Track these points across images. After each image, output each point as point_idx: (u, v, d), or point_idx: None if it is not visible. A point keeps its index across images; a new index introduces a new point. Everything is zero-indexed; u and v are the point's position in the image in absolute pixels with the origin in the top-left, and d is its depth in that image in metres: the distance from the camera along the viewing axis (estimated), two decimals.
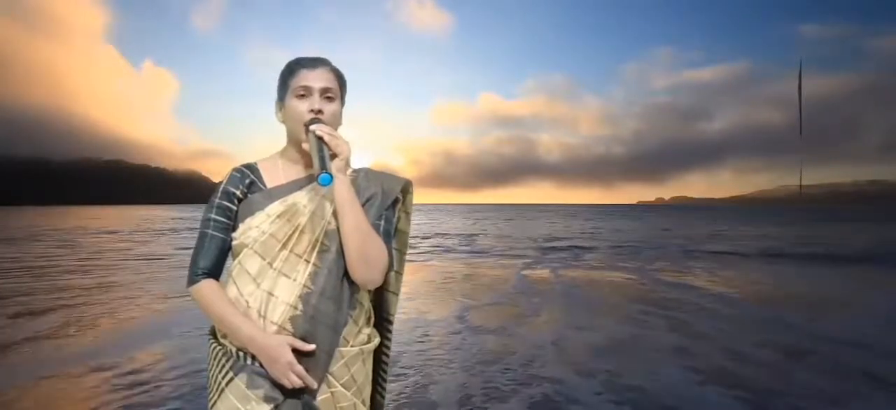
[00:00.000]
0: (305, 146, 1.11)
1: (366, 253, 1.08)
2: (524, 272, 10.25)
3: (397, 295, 1.28)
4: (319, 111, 1.11)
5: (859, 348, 4.56)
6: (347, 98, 1.22)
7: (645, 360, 4.24)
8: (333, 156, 1.07)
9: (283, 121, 1.17)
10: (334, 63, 1.18)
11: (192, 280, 1.09)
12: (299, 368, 1.03)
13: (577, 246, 16.74)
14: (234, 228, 1.13)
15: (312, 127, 1.09)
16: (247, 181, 1.14)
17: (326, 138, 1.07)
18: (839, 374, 3.89)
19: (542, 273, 10.16)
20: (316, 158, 1.04)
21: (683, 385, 3.66)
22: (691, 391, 3.55)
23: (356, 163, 1.19)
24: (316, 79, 1.13)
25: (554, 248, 16.14)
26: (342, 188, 1.08)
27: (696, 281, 9.03)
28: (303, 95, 1.12)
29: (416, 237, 19.87)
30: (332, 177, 1.03)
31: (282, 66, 1.18)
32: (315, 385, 1.06)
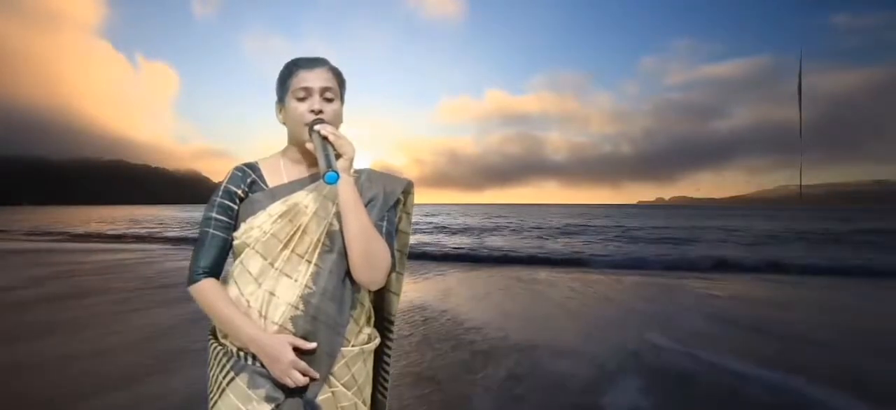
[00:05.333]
0: (309, 146, 1.11)
1: (370, 255, 1.09)
2: None
3: (398, 295, 1.28)
4: (320, 111, 1.12)
5: None
6: (349, 93, 1.23)
7: None
8: (338, 155, 1.08)
9: (284, 122, 1.18)
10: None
11: (193, 279, 1.09)
12: (302, 365, 1.04)
13: None
14: (235, 228, 1.13)
15: (317, 127, 1.09)
16: (248, 180, 1.15)
17: (331, 138, 1.08)
18: None
19: None
20: (321, 157, 1.05)
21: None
22: None
23: (357, 164, 1.20)
24: (315, 79, 1.13)
25: None
26: (347, 189, 1.08)
27: None
28: (303, 98, 1.13)
29: None
30: (338, 174, 1.03)
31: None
32: (318, 377, 1.06)
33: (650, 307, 6.48)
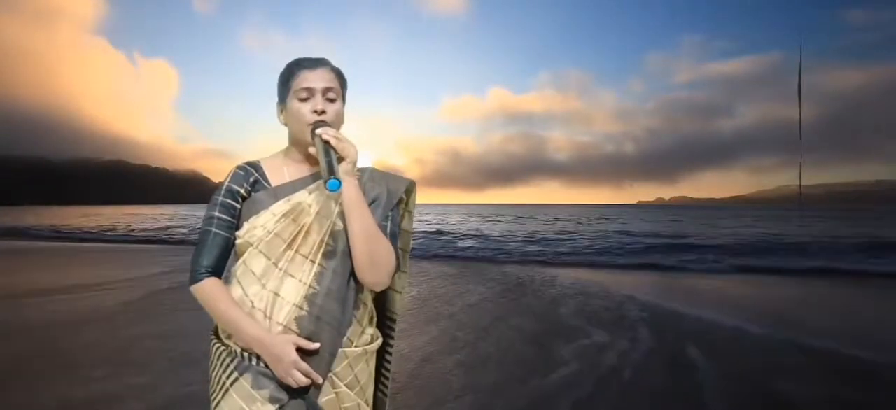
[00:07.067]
0: (311, 150, 1.11)
1: (374, 256, 1.08)
2: None
3: (401, 293, 1.28)
4: (323, 112, 1.11)
5: None
6: (350, 91, 1.22)
7: None
8: (341, 159, 1.07)
9: (286, 123, 1.17)
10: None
11: (195, 278, 1.08)
12: (305, 366, 1.03)
13: None
14: (237, 227, 1.12)
15: (318, 130, 1.09)
16: (251, 179, 1.14)
17: (333, 142, 1.07)
18: None
19: None
20: (323, 163, 1.04)
21: None
22: None
23: (358, 163, 1.20)
24: (317, 79, 1.13)
25: None
26: (350, 191, 1.08)
27: None
28: (305, 98, 1.12)
29: None
30: (340, 182, 1.03)
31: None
32: (321, 381, 1.06)
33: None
